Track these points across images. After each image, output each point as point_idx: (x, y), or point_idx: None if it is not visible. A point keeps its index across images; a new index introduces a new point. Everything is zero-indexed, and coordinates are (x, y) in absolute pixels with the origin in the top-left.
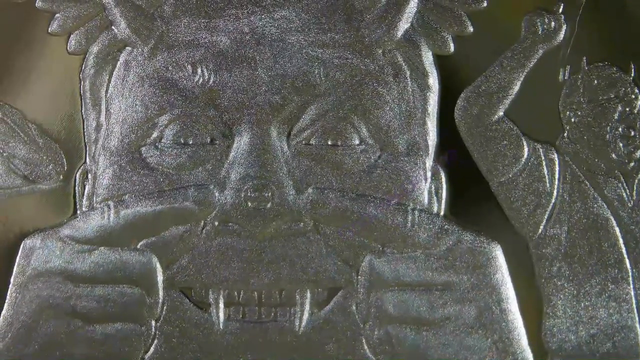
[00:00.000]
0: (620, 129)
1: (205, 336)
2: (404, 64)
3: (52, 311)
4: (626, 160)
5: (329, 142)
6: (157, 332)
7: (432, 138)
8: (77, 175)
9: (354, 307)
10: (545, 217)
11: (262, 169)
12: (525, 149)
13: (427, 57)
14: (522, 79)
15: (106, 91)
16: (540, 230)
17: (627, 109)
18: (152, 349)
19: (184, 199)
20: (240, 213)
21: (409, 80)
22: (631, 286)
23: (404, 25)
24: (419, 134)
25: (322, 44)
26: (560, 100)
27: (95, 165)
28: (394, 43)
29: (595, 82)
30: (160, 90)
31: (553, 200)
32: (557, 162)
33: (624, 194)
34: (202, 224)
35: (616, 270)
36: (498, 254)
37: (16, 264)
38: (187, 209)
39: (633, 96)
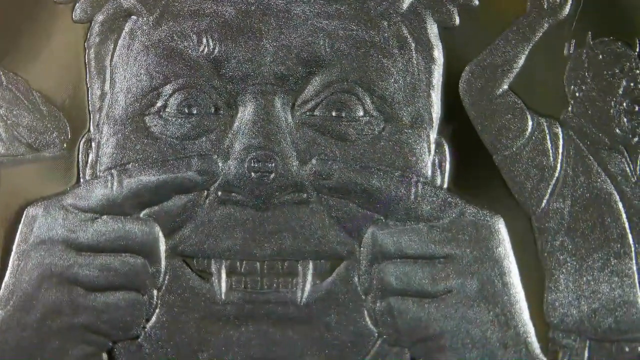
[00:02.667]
0: (624, 104)
1: (207, 306)
2: (409, 36)
3: (53, 279)
4: (630, 135)
5: (333, 114)
6: (159, 301)
7: (436, 111)
8: (81, 144)
9: (356, 279)
10: (549, 191)
11: (265, 140)
12: (530, 123)
13: (432, 30)
14: (527, 52)
15: (111, 60)
16: (543, 205)
17: (632, 84)
18: (153, 318)
19: (187, 169)
20: (244, 183)
21: (413, 52)
22: (634, 261)
23: None
24: (423, 107)
25: (328, 15)
26: (565, 74)
27: (99, 133)
28: (399, 15)
29: (600, 56)
30: (165, 59)
31: (556, 175)
32: (561, 137)
33: (628, 169)
34: (205, 193)
35: (619, 245)
36: (501, 227)
37: (19, 231)
38: (191, 178)
39: (638, 71)
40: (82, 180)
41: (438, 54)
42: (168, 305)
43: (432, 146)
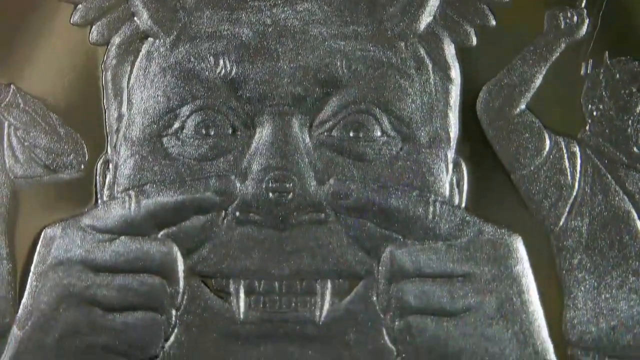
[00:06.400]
0: None
1: (225, 325)
2: (426, 57)
3: (72, 300)
4: None
5: (351, 134)
6: (177, 321)
7: (453, 130)
8: (99, 165)
9: (374, 298)
10: (567, 209)
11: (283, 160)
12: (547, 142)
13: (450, 50)
14: (544, 72)
15: (128, 82)
16: (561, 223)
17: None
18: (172, 338)
19: (205, 189)
20: (262, 203)
21: (431, 72)
22: None
23: (426, 18)
24: (441, 126)
25: (345, 36)
26: (583, 93)
27: (116, 155)
28: (417, 36)
29: (617, 76)
30: (182, 81)
31: (574, 193)
32: (578, 155)
33: None
34: (223, 214)
35: (637, 263)
36: (519, 245)
37: (37, 252)
38: (208, 199)
39: None
40: (99, 201)
41: (455, 74)
42: (186, 325)
43: (450, 165)
